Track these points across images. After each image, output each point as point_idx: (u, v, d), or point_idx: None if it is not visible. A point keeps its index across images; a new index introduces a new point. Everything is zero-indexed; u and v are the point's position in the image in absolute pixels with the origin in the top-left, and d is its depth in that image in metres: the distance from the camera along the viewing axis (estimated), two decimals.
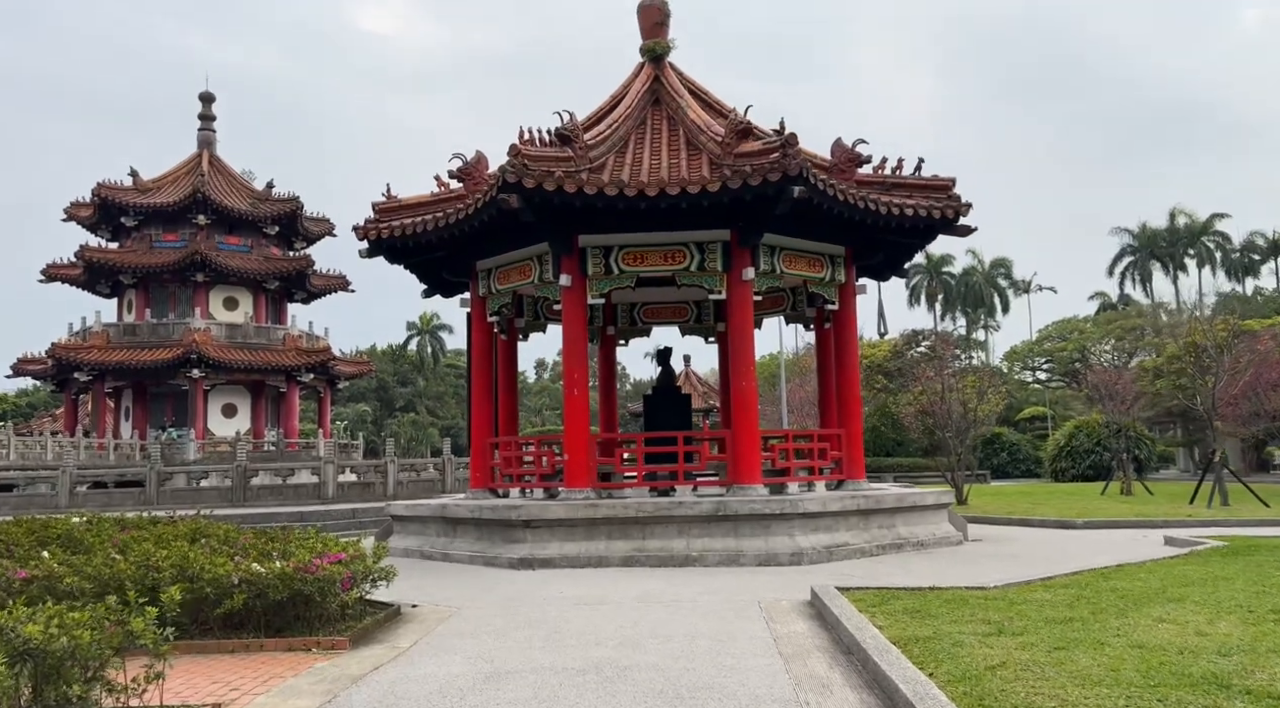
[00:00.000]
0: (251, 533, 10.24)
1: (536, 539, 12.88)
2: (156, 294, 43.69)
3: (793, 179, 12.40)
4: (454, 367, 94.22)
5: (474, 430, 16.27)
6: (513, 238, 14.77)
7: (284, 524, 20.71)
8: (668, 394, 16.75)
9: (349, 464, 24.71)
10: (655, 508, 12.63)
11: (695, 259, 14.04)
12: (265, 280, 44.49)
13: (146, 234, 43.76)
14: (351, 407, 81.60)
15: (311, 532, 10.44)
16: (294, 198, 45.70)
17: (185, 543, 9.45)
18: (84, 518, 11.43)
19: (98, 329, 41.77)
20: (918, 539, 13.77)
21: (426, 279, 17.54)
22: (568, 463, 13.95)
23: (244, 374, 42.43)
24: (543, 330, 18.85)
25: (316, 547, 9.12)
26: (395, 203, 15.69)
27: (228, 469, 22.65)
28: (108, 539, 9.85)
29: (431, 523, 14.84)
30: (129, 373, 41.05)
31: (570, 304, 14.24)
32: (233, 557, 8.77)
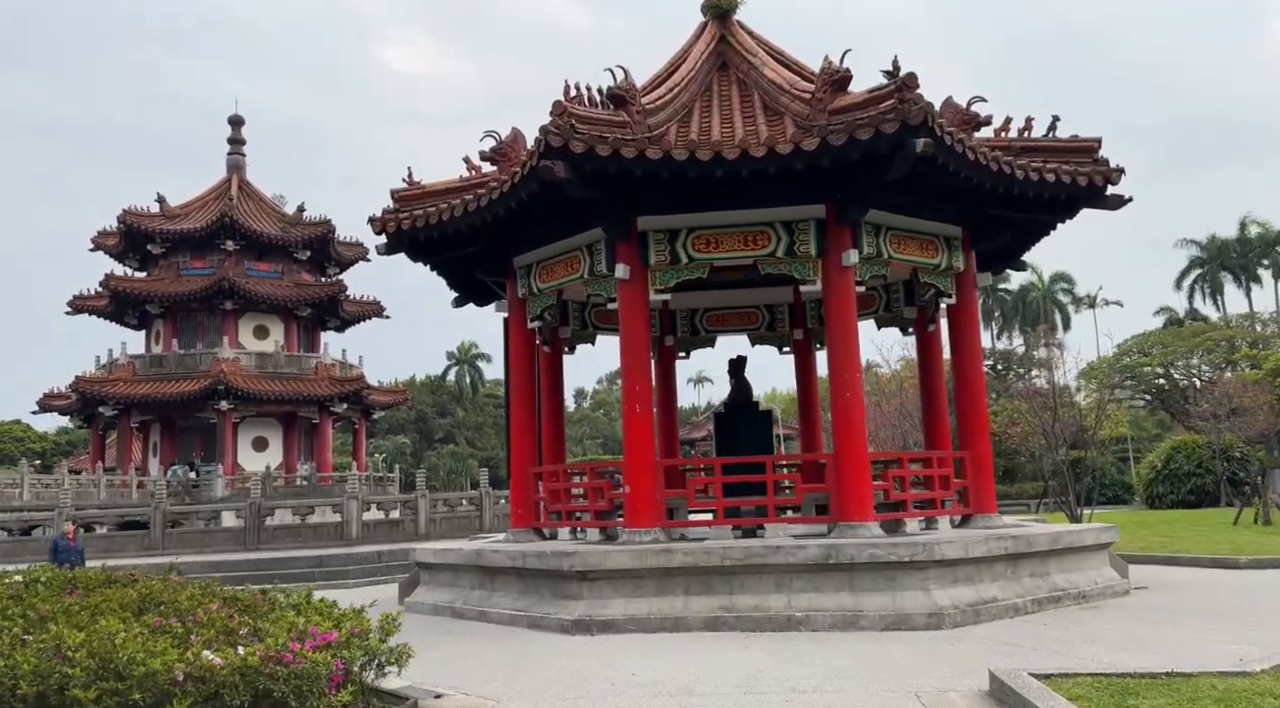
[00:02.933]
0: (221, 599, 7.66)
1: (595, 595, 10.17)
2: (184, 324, 42.01)
3: (914, 129, 9.70)
4: (493, 397, 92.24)
5: (514, 458, 13.65)
6: (557, 224, 12.24)
7: (297, 570, 18.18)
8: (745, 411, 14.01)
9: (375, 500, 22.27)
10: (746, 554, 9.85)
11: (781, 242, 11.36)
12: (296, 307, 42.63)
13: (174, 262, 42.20)
14: (390, 439, 79.78)
15: (301, 595, 7.86)
16: (325, 221, 43.97)
17: (126, 616, 6.94)
18: (23, 577, 8.94)
19: (124, 361, 40.12)
20: (1078, 589, 10.81)
21: (456, 283, 15.06)
22: (629, 497, 11.26)
23: (275, 405, 40.43)
24: (591, 341, 16.26)
25: (298, 624, 6.50)
26: (418, 190, 13.25)
27: (242, 507, 20.35)
28: (34, 609, 7.32)
29: (465, 573, 12.20)
30: (156, 406, 39.25)
31: (628, 300, 11.62)
32: (185, 638, 6.23)
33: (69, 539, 14.95)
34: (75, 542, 15.11)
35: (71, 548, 14.67)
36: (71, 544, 14.83)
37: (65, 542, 14.81)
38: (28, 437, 74.04)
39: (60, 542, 14.82)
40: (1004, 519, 12.93)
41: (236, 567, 17.79)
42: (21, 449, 68.28)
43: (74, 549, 14.70)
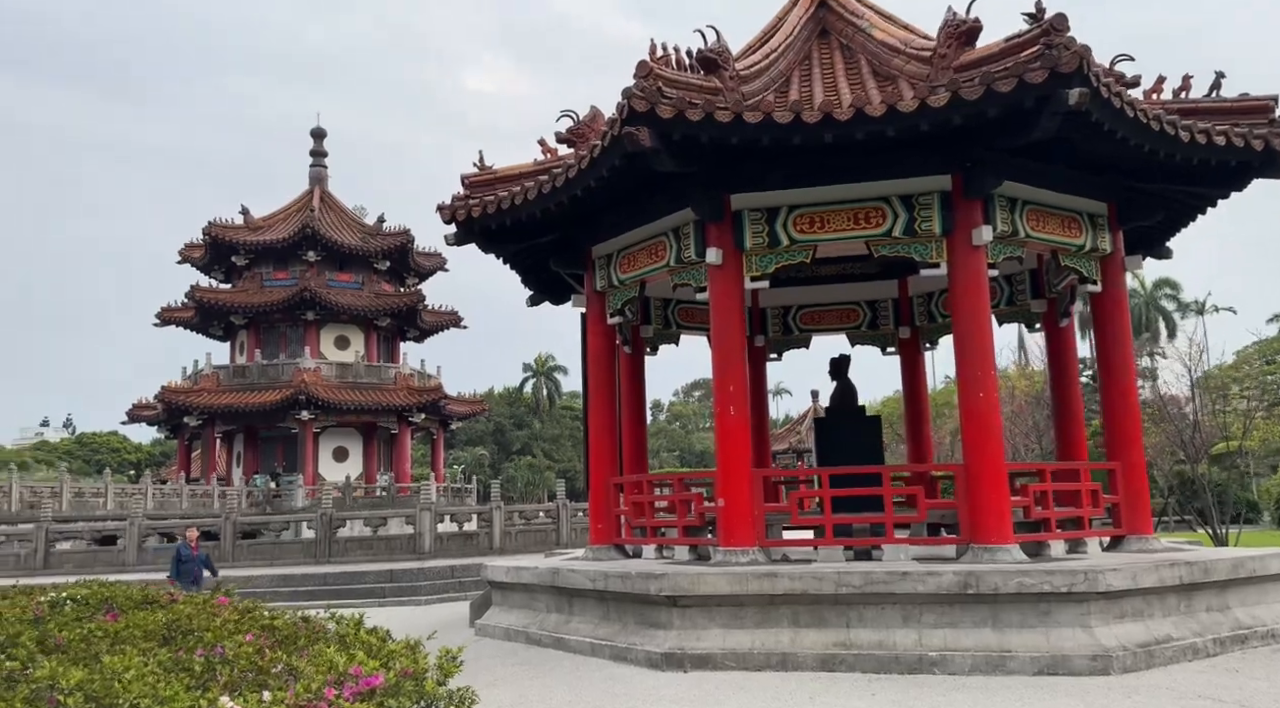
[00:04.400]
0: (259, 626, 6.57)
1: (687, 624, 8.83)
2: (267, 334, 42.33)
3: (1065, 78, 8.17)
4: (569, 409, 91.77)
5: (593, 467, 12.42)
6: (640, 205, 11.03)
7: (366, 585, 17.28)
8: (850, 416, 12.50)
9: (449, 511, 21.36)
10: (865, 581, 8.38)
11: (899, 219, 9.88)
12: (376, 317, 42.56)
13: (257, 273, 42.60)
14: (468, 450, 79.91)
15: (350, 623, 6.71)
16: (405, 231, 43.87)
17: (149, 647, 5.92)
18: (55, 595, 8.04)
19: (208, 372, 40.56)
20: (1265, 626, 8.98)
21: (531, 278, 13.98)
22: (724, 511, 9.89)
23: (354, 416, 40.32)
24: (675, 341, 14.96)
25: (338, 664, 5.33)
26: (490, 175, 12.21)
27: (313, 518, 19.68)
28: (51, 637, 6.34)
29: (541, 594, 11.00)
30: (239, 416, 39.51)
31: (721, 289, 10.30)
32: (205, 678, 5.16)
33: (191, 548, 13.89)
34: (198, 551, 14.05)
35: (194, 557, 13.70)
36: (194, 553, 13.80)
37: (188, 550, 13.77)
38: (124, 448, 76.51)
39: (184, 551, 13.74)
40: (1164, 542, 11.11)
41: (305, 581, 17.03)
42: (118, 460, 70.59)
43: (196, 559, 13.73)
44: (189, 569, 13.34)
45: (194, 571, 13.38)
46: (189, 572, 13.30)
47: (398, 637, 6.78)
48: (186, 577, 13.14)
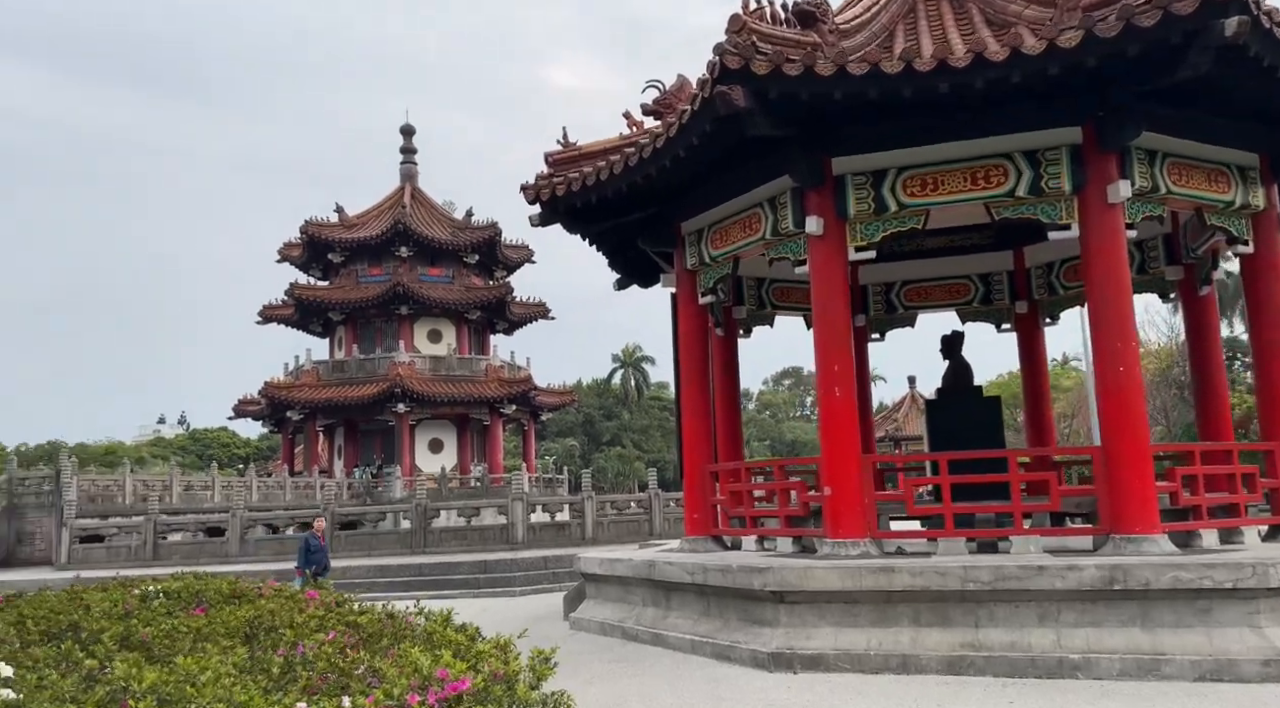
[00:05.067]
0: (344, 623, 6.23)
1: (795, 622, 8.19)
2: (363, 329, 43.19)
3: (1220, 7, 7.16)
4: (658, 400, 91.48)
5: (687, 455, 11.85)
6: (732, 175, 10.38)
7: (461, 576, 17.15)
8: (965, 397, 11.58)
9: (541, 501, 21.14)
10: (995, 576, 7.58)
11: (1023, 177, 8.97)
12: (466, 311, 42.93)
13: (353, 269, 43.48)
14: (559, 442, 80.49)
15: (438, 620, 6.32)
16: (492, 224, 44.10)
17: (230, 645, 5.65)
18: (150, 588, 7.92)
19: (308, 367, 41.61)
20: None
21: (618, 260, 13.49)
22: (831, 500, 9.19)
23: (448, 408, 40.77)
24: (769, 322, 14.25)
25: (423, 666, 4.90)
26: (574, 151, 11.74)
27: (408, 509, 19.74)
28: (136, 633, 6.13)
29: (636, 587, 10.51)
30: (338, 410, 40.40)
31: (822, 261, 9.58)
32: (282, 681, 4.82)
33: (320, 539, 13.84)
34: (325, 541, 13.96)
35: (322, 548, 13.69)
36: (322, 544, 13.78)
37: (317, 541, 13.67)
38: (233, 443, 79.79)
39: (312, 541, 13.63)
40: None
41: (400, 572, 17.02)
42: (227, 454, 73.63)
43: (324, 549, 13.75)
44: (318, 559, 13.39)
45: (322, 560, 13.45)
46: (318, 561, 13.38)
47: (491, 630, 6.37)
48: (314, 567, 13.25)
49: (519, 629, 10.21)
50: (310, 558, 13.41)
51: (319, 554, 13.55)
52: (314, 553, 13.49)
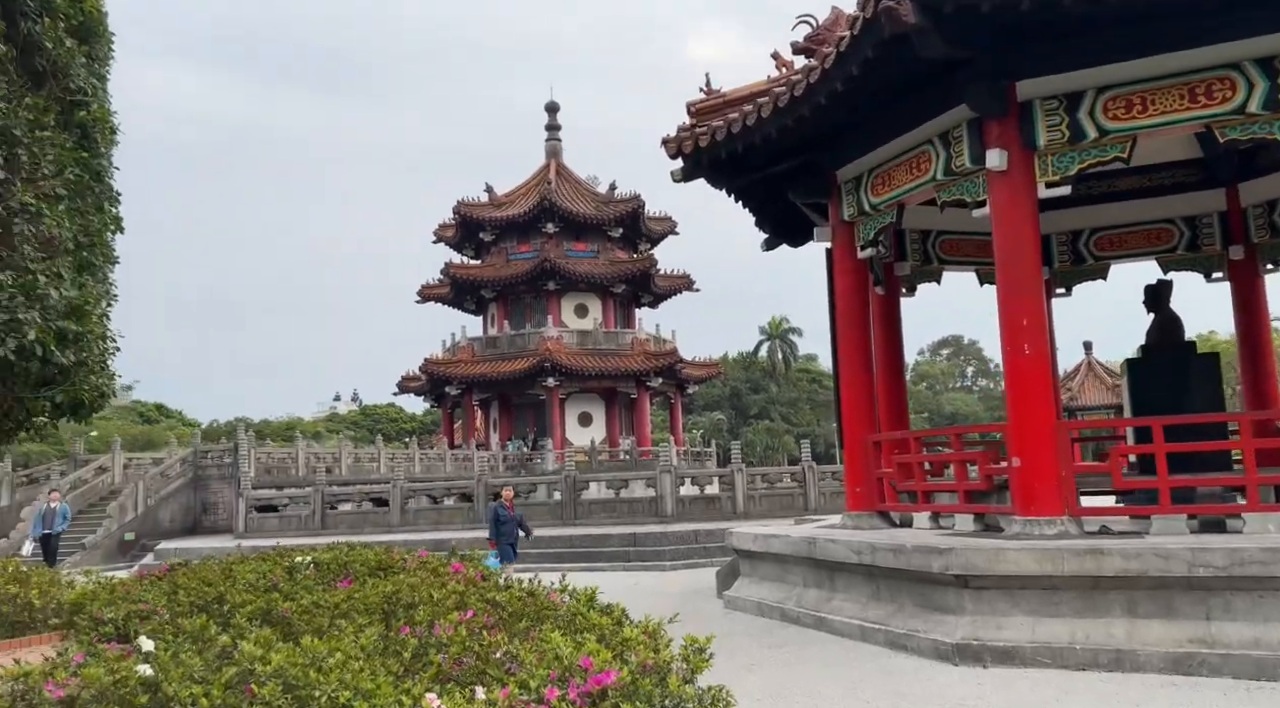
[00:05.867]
0: (485, 601, 5.79)
1: (983, 609, 7.21)
2: (514, 305, 43.99)
3: None
4: (806, 372, 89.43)
5: (847, 424, 10.90)
6: (897, 111, 9.31)
7: (610, 549, 16.83)
8: (1175, 354, 10.06)
9: (690, 474, 20.59)
10: (1232, 561, 6.34)
11: (1256, 90, 7.48)
12: (612, 284, 42.94)
13: (503, 247, 44.29)
14: (706, 415, 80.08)
15: (580, 599, 5.79)
16: (635, 196, 43.78)
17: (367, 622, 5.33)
18: (300, 559, 7.82)
19: (464, 343, 42.80)
20: None
21: (766, 216, 12.60)
22: (1021, 472, 8.08)
23: (595, 381, 41.01)
24: (935, 279, 12.99)
25: (564, 654, 4.34)
26: (718, 98, 10.92)
27: (556, 481, 19.68)
28: (276, 608, 5.91)
29: (795, 566, 9.73)
30: (492, 384, 41.38)
31: (1006, 199, 8.39)
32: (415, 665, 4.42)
33: (508, 508, 13.30)
34: (516, 512, 13.51)
35: (511, 518, 13.18)
36: (511, 514, 13.25)
37: (505, 511, 13.15)
38: (400, 418, 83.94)
39: (501, 511, 13.12)
40: None
41: (551, 543, 16.91)
42: (395, 428, 77.49)
43: (513, 519, 13.23)
44: (508, 530, 13.01)
45: (512, 531, 13.03)
46: (508, 532, 13.00)
47: (643, 606, 5.81)
48: (505, 538, 12.94)
49: (670, 604, 9.61)
50: (501, 529, 12.98)
51: (509, 525, 13.09)
52: (504, 524, 13.04)
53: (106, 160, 7.67)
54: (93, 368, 7.40)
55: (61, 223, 6.59)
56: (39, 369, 6.48)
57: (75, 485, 25.64)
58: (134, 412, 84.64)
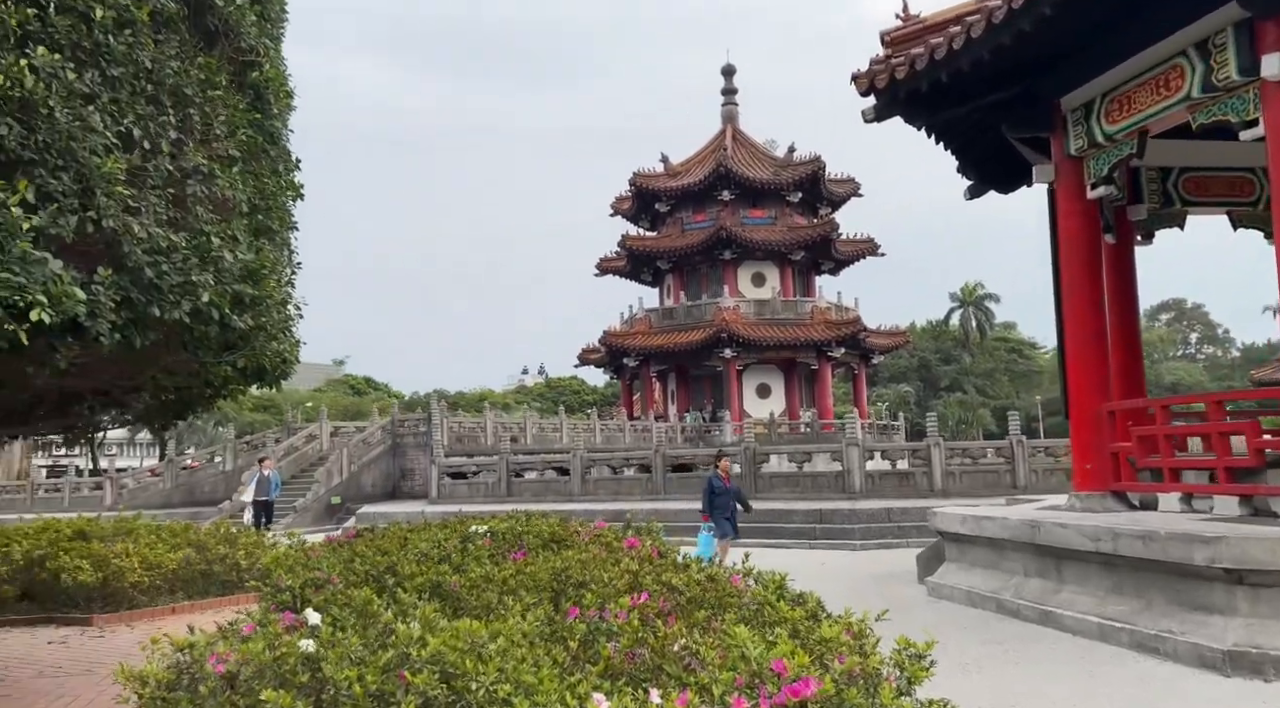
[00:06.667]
0: (660, 584, 5.17)
1: (1262, 611, 5.89)
2: (689, 276, 43.53)
3: None
4: (1003, 341, 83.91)
5: (1073, 390, 9.48)
6: (1139, 21, 7.82)
7: (794, 525, 15.89)
8: None
9: (879, 448, 19.32)
10: None
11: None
12: (790, 251, 41.53)
13: (678, 217, 43.86)
14: (891, 388, 76.84)
15: (768, 586, 5.06)
16: (815, 158, 42.05)
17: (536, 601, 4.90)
18: (475, 528, 7.53)
19: (640, 315, 42.85)
20: None
21: (969, 158, 11.25)
22: None
23: (773, 352, 39.91)
24: (1177, 224, 11.22)
25: (751, 655, 3.64)
26: (917, 25, 9.71)
27: (736, 453, 19.00)
28: (444, 583, 5.58)
29: (1013, 552, 8.55)
30: (669, 356, 41.21)
31: None
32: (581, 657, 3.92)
33: (724, 480, 11.98)
34: (730, 483, 12.16)
35: (728, 490, 11.89)
36: (727, 486, 11.94)
37: (721, 483, 11.88)
38: (582, 390, 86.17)
39: (716, 483, 11.84)
40: None
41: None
42: (577, 400, 79.57)
43: (730, 491, 11.92)
44: (723, 502, 11.71)
45: (728, 504, 11.72)
46: (723, 506, 11.71)
47: (835, 591, 5.04)
48: (721, 511, 11.69)
49: (865, 590, 8.60)
50: (716, 501, 11.65)
51: (725, 496, 11.75)
52: (719, 495, 11.72)
53: (281, 123, 7.59)
54: (272, 333, 7.33)
55: (235, 185, 6.49)
56: (218, 334, 6.40)
57: (288, 452, 27.60)
58: (345, 384, 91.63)
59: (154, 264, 5.51)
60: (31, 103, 4.73)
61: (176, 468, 29.16)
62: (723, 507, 11.66)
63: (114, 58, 5.34)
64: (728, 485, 11.96)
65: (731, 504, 11.75)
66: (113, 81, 5.34)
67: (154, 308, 5.53)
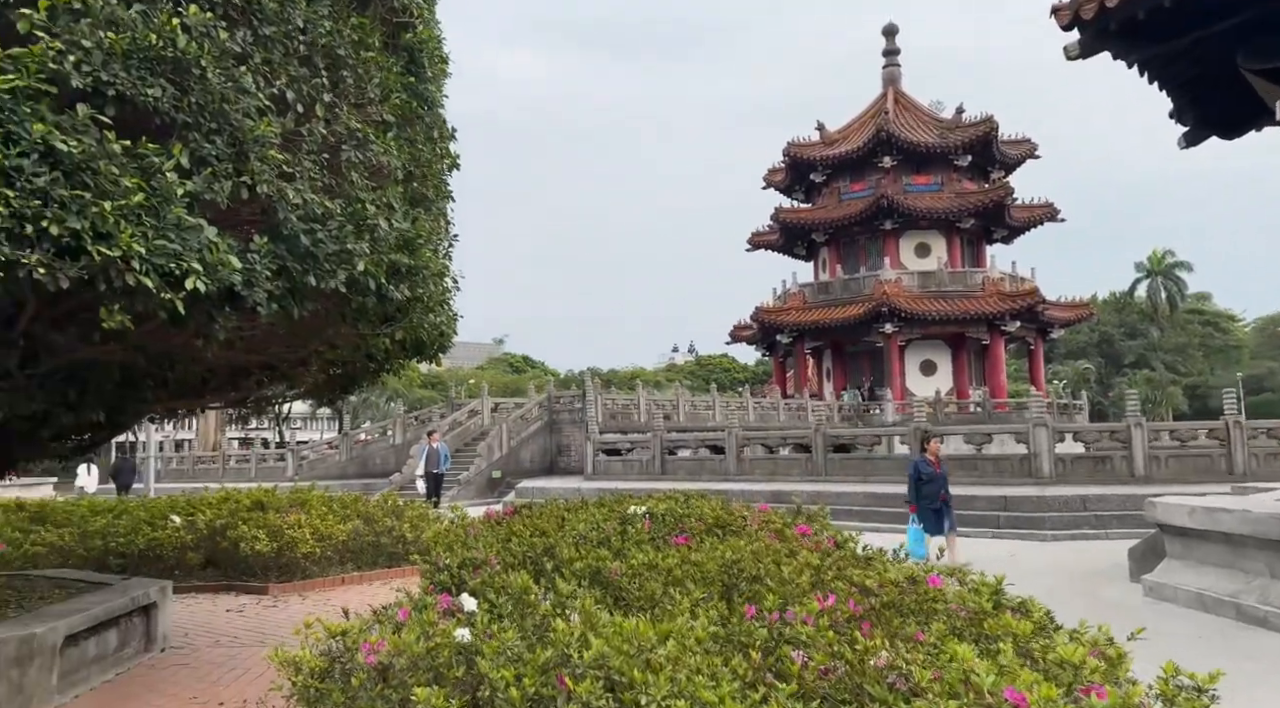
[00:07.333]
0: (847, 583, 4.53)
1: None
2: (847, 249, 41.84)
3: None
4: (1198, 313, 76.70)
5: None
6: None
7: (975, 511, 14.62)
8: None
9: (1070, 429, 17.62)
10: None
11: None
12: (958, 219, 39.09)
13: (834, 187, 42.20)
14: (1068, 364, 71.77)
15: (984, 590, 4.31)
16: (987, 119, 39.34)
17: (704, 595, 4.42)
18: (633, 509, 7.10)
19: (794, 290, 41.60)
20: None
21: (1188, 97, 9.72)
22: None
23: (939, 326, 37.77)
24: None
25: (981, 680, 2.93)
26: None
27: (906, 433, 17.83)
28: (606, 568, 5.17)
29: (1255, 550, 7.31)
30: (824, 332, 39.82)
31: None
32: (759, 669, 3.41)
33: (932, 463, 10.39)
34: (941, 468, 10.48)
35: (938, 476, 10.26)
36: (937, 471, 10.32)
37: (929, 467, 10.29)
38: (733, 368, 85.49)
39: (923, 467, 10.31)
40: None
41: (901, 501, 15.20)
42: (728, 378, 78.92)
43: (940, 477, 10.30)
44: (932, 491, 10.10)
45: (937, 492, 10.14)
46: (932, 494, 10.09)
47: (1031, 591, 4.29)
48: (928, 501, 10.07)
49: (1067, 588, 7.56)
50: (923, 489, 10.08)
51: (934, 484, 10.08)
52: (927, 482, 10.10)
53: (435, 87, 7.34)
54: (430, 305, 7.12)
55: (390, 151, 6.25)
56: (375, 305, 6.19)
57: (452, 427, 28.46)
58: (505, 362, 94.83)
59: (309, 232, 5.30)
60: (184, 63, 4.57)
61: (351, 441, 30.68)
62: (931, 496, 10.04)
63: (265, 16, 5.14)
64: (937, 470, 10.27)
65: (940, 491, 10.12)
66: (264, 41, 5.15)
67: (310, 277, 5.34)
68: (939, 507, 10.08)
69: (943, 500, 10.14)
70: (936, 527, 10.03)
